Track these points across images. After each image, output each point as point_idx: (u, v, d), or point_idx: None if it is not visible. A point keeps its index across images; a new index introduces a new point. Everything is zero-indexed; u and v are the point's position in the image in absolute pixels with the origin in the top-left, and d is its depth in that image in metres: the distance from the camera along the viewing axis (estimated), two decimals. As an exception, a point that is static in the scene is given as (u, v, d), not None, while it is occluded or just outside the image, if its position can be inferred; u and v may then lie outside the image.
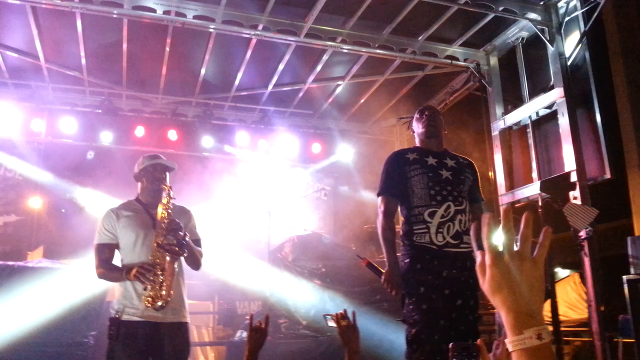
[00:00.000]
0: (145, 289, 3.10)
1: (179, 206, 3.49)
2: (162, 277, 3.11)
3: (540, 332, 0.96)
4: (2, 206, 7.75)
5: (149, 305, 3.08)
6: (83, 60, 6.82)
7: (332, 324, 2.73)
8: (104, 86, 7.66)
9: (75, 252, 5.44)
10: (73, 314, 4.46)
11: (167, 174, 3.47)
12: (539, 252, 1.01)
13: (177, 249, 3.16)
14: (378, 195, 3.58)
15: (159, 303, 3.08)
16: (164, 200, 3.30)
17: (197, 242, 3.50)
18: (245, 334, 5.50)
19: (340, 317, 2.69)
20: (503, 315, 1.00)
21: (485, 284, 1.02)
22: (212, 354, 6.38)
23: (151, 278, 3.07)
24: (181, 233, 3.19)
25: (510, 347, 0.98)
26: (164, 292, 3.09)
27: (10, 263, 4.91)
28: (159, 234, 3.18)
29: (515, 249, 1.01)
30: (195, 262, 3.41)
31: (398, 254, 3.50)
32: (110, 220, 3.34)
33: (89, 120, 7.69)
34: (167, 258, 3.15)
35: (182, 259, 3.31)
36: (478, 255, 1.03)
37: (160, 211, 3.26)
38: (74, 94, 7.83)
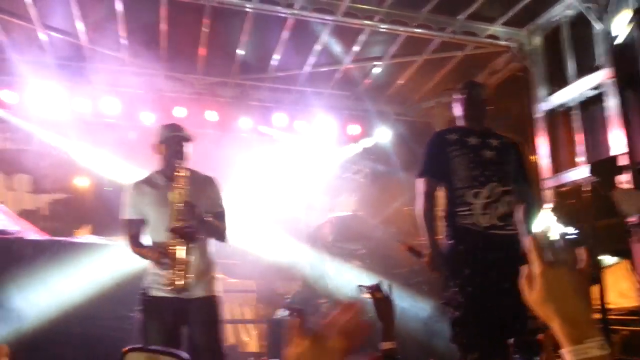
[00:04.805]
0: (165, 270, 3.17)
1: (202, 175, 3.44)
2: (178, 260, 3.13)
3: (602, 343, 0.94)
4: (51, 184, 7.96)
5: (170, 287, 3.14)
6: (123, 41, 6.91)
7: (366, 295, 2.70)
8: (144, 67, 7.75)
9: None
10: (120, 288, 4.56)
11: (184, 144, 3.36)
12: (584, 265, 1.03)
13: (191, 232, 3.15)
14: (418, 176, 3.54)
15: (179, 285, 3.14)
16: (178, 181, 3.22)
17: (220, 214, 3.40)
18: (286, 313, 5.59)
19: (375, 289, 2.65)
20: (557, 325, 0.98)
21: (533, 294, 1.02)
22: (254, 332, 6.47)
23: (169, 262, 3.12)
24: (197, 216, 3.16)
25: (570, 358, 0.95)
26: (181, 275, 3.13)
27: (58, 238, 5.06)
28: (173, 218, 3.17)
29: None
30: (218, 237, 3.39)
31: (440, 236, 3.47)
32: (135, 195, 3.36)
33: (130, 101, 7.80)
34: (183, 241, 3.16)
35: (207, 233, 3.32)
36: (526, 241, 1.05)
37: (174, 193, 3.20)
38: (115, 74, 7.94)
